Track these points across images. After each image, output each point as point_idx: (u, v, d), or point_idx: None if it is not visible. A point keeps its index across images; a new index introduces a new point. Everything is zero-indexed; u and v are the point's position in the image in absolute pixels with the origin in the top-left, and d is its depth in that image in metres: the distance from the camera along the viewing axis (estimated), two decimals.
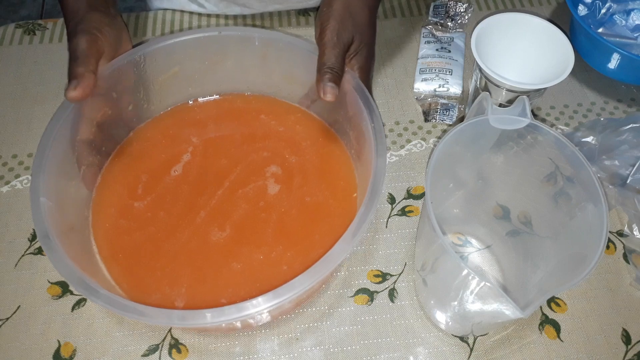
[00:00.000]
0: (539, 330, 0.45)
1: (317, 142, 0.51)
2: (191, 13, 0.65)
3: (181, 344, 0.44)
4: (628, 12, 0.63)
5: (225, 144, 0.51)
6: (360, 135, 0.45)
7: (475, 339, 0.44)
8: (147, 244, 0.45)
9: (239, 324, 0.43)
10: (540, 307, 0.46)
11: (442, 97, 0.58)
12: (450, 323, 0.44)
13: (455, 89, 0.58)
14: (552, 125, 0.57)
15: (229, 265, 0.44)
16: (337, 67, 0.44)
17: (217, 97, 0.54)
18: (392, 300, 0.46)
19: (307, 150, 0.50)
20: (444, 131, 0.56)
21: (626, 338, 0.45)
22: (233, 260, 0.44)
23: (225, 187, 0.48)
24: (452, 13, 0.64)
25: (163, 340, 0.44)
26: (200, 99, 0.53)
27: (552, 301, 0.46)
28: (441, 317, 0.44)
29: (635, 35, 0.62)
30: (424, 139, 0.56)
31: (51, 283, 0.47)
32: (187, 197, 0.47)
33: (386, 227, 0.50)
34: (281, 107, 0.53)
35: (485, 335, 0.45)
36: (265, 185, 0.48)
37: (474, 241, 0.49)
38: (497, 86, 0.47)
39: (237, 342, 0.44)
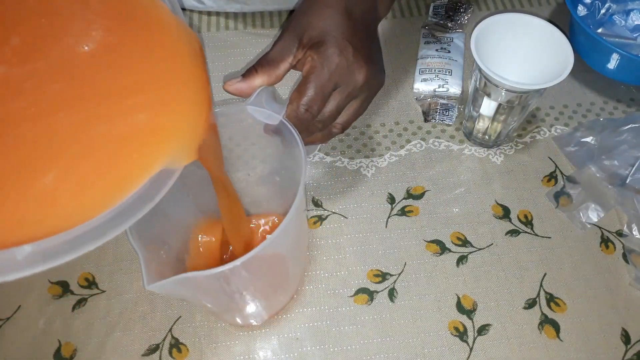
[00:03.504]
0: (539, 330, 0.45)
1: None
2: (191, 11, 0.65)
3: (181, 343, 0.44)
4: (627, 13, 0.63)
5: None
6: None
7: (475, 339, 0.45)
8: None
9: None
10: (540, 307, 0.46)
11: (441, 97, 0.58)
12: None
13: (454, 89, 0.58)
14: (551, 126, 0.57)
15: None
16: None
17: None
18: (392, 300, 0.46)
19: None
20: (444, 131, 0.56)
21: (625, 338, 0.45)
22: None
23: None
24: (452, 13, 0.64)
25: (163, 339, 0.44)
26: None
27: (551, 301, 0.47)
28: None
29: (635, 35, 0.63)
30: (423, 139, 0.56)
31: (52, 283, 0.47)
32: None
33: (386, 227, 0.50)
34: None
35: (485, 335, 0.45)
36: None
37: (473, 241, 0.49)
38: (497, 86, 0.47)
39: (237, 342, 0.44)
